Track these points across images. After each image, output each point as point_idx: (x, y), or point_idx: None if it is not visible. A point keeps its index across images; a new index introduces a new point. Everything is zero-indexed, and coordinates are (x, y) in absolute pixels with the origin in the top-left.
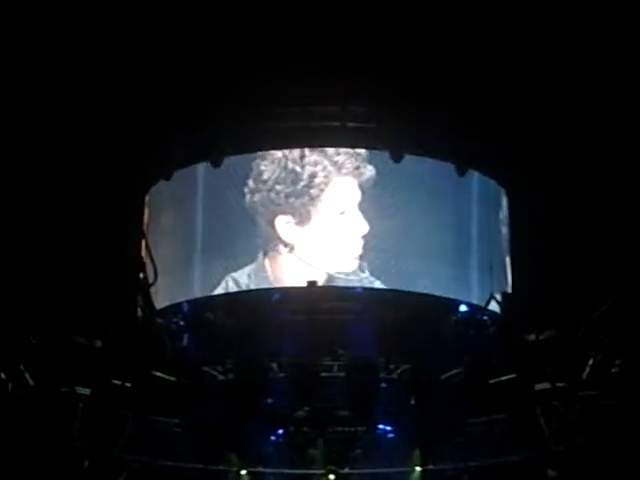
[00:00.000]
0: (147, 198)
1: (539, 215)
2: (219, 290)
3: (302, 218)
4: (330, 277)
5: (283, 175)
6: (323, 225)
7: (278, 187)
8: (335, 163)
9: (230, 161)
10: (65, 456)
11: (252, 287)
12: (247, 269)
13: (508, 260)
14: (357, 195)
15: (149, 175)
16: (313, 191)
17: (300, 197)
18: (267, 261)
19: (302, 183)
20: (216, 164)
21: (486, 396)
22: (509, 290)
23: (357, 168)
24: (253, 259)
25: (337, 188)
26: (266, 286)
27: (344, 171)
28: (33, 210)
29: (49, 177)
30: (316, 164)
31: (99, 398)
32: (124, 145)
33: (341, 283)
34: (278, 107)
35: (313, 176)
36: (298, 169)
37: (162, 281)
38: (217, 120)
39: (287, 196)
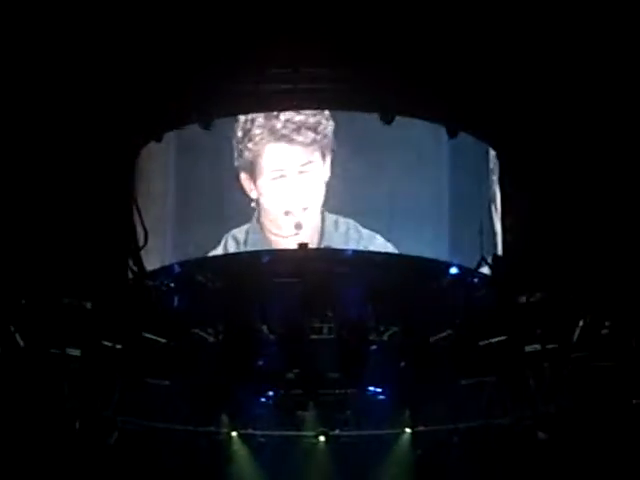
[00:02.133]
0: (137, 160)
1: (530, 177)
2: (218, 249)
3: (253, 175)
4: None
5: (240, 134)
6: (267, 186)
7: (238, 145)
8: (271, 128)
9: (219, 123)
10: (56, 417)
11: (248, 244)
12: (245, 226)
13: (499, 222)
14: (295, 159)
15: (139, 137)
16: (254, 150)
17: (247, 155)
18: (260, 218)
19: (247, 143)
20: (205, 126)
21: (476, 358)
22: (499, 252)
23: (297, 131)
24: (250, 217)
25: (270, 153)
26: (259, 243)
27: (277, 136)
28: (21, 175)
29: (37, 139)
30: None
31: (89, 359)
32: (112, 108)
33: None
34: (265, 69)
35: (251, 139)
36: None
37: (154, 243)
38: (206, 82)
39: (240, 152)
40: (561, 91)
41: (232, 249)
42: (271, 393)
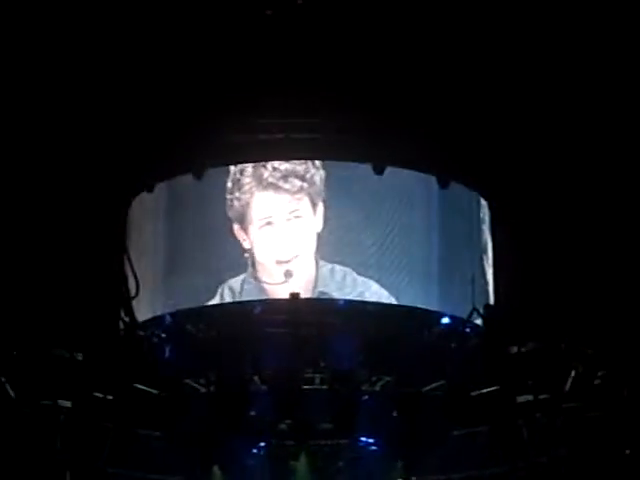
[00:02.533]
0: (129, 211)
1: (522, 228)
2: (214, 300)
3: (244, 225)
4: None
5: (230, 185)
6: (256, 235)
7: (228, 196)
8: (259, 177)
9: (211, 173)
10: (47, 468)
11: (244, 294)
12: (241, 277)
13: (490, 272)
14: (283, 207)
15: (130, 188)
16: (244, 199)
17: (237, 205)
18: (254, 267)
19: (236, 193)
20: (198, 176)
21: (469, 408)
22: (491, 302)
23: (284, 179)
24: (245, 267)
25: (258, 201)
26: (254, 292)
27: (264, 184)
28: (15, 222)
29: (31, 189)
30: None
31: (81, 411)
32: (105, 158)
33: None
34: (257, 119)
35: (240, 189)
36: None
37: (146, 294)
38: (199, 132)
39: (231, 203)
40: (552, 145)
41: (228, 299)
42: (263, 444)
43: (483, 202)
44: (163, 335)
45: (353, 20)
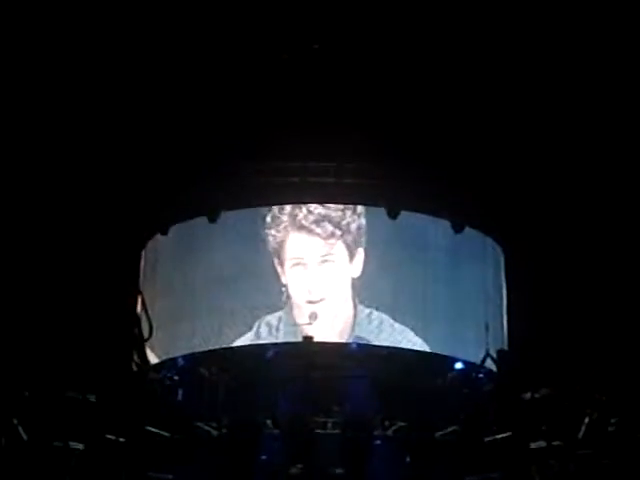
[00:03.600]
0: (143, 252)
1: (536, 273)
2: (248, 335)
3: (280, 260)
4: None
5: (269, 220)
6: (289, 273)
7: (267, 230)
8: (294, 217)
9: (227, 215)
10: None
11: (280, 330)
12: (279, 313)
13: (504, 318)
14: (315, 250)
15: (145, 230)
16: (279, 237)
17: (273, 241)
18: (289, 305)
19: (274, 229)
20: (213, 219)
21: (482, 454)
22: (505, 348)
23: (316, 223)
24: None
25: (292, 241)
26: (290, 330)
27: (298, 226)
28: (29, 265)
29: (44, 232)
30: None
31: (93, 453)
32: (120, 200)
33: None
34: (274, 162)
35: (277, 225)
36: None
37: (159, 336)
38: (213, 175)
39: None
40: (566, 191)
41: (264, 334)
42: None
43: (497, 247)
44: (176, 378)
45: (369, 65)
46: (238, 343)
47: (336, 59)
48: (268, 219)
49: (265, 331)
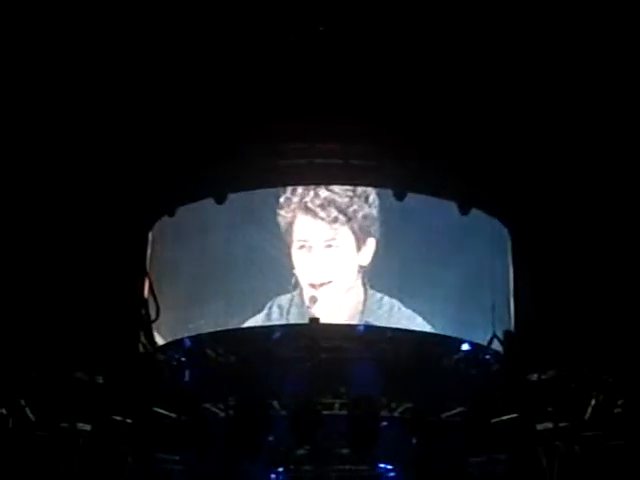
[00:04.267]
0: (150, 234)
1: (542, 254)
2: (259, 316)
3: (289, 241)
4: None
5: (282, 201)
6: (295, 254)
7: (278, 210)
8: (302, 199)
9: (235, 197)
10: None
11: (291, 312)
12: (290, 295)
13: (511, 299)
14: (320, 234)
15: (152, 212)
16: (288, 218)
17: (283, 222)
18: (299, 287)
19: (284, 210)
20: (220, 201)
21: (488, 435)
22: (512, 329)
23: (322, 207)
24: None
25: (299, 223)
26: (299, 312)
27: (305, 208)
28: (36, 245)
29: (52, 212)
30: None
31: (100, 434)
32: (127, 182)
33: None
34: (281, 144)
35: (288, 206)
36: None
37: (166, 317)
38: (220, 157)
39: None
40: (573, 172)
41: (275, 316)
42: (281, 469)
43: (504, 228)
44: (183, 359)
45: (375, 47)
46: (249, 324)
47: (342, 41)
48: (281, 200)
49: (276, 312)
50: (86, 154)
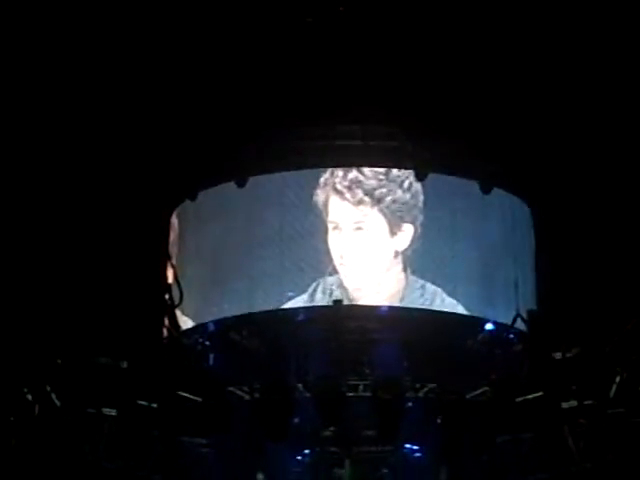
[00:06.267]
0: (172, 218)
1: (565, 232)
2: (303, 296)
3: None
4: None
5: (321, 181)
6: (330, 236)
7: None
8: (334, 180)
9: (258, 179)
10: (92, 477)
11: (334, 294)
12: (335, 277)
13: (534, 278)
14: (348, 215)
15: (174, 196)
16: (322, 198)
17: (319, 202)
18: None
19: (319, 190)
20: (241, 184)
21: (513, 414)
22: (535, 308)
23: (348, 188)
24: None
25: (331, 204)
26: (342, 295)
27: (334, 189)
28: (59, 233)
29: (74, 200)
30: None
31: (125, 419)
32: (148, 166)
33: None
34: (300, 127)
35: (324, 186)
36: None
37: (190, 302)
38: (241, 140)
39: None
40: (594, 150)
41: (319, 296)
42: (307, 451)
43: (526, 207)
44: (207, 343)
45: (396, 27)
46: (290, 305)
47: (362, 22)
48: (321, 180)
49: (320, 293)
50: (110, 141)
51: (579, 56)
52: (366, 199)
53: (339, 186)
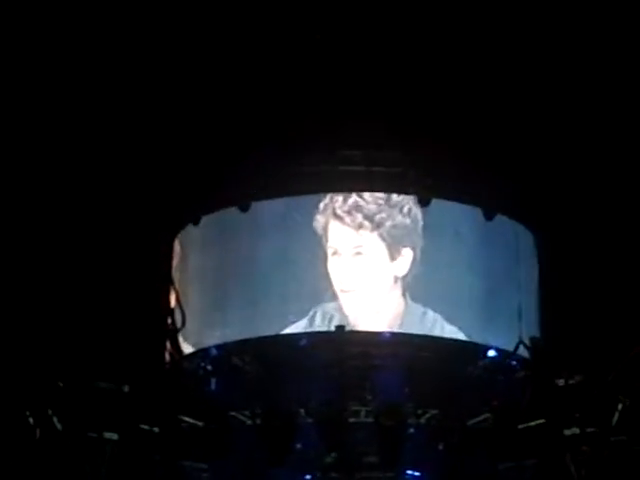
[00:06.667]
0: (175, 243)
1: (568, 260)
2: (302, 322)
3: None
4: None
5: (321, 207)
6: (329, 261)
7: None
8: (334, 205)
9: (260, 204)
10: None
11: (333, 320)
12: (336, 303)
13: (537, 305)
14: (348, 240)
15: (176, 220)
16: (322, 222)
17: (318, 227)
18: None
19: (319, 215)
20: (244, 208)
21: (515, 441)
22: (538, 335)
23: (348, 213)
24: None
25: (331, 229)
26: (342, 321)
27: (334, 214)
28: (62, 256)
29: (78, 222)
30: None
31: (127, 443)
32: (151, 191)
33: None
34: (306, 152)
35: (324, 211)
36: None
37: (192, 326)
38: (245, 165)
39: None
40: (597, 176)
41: (318, 322)
42: (308, 477)
43: (529, 234)
44: (209, 367)
45: (401, 51)
46: (289, 331)
47: (365, 47)
48: (321, 205)
49: (319, 319)
50: (112, 165)
51: (586, 80)
52: (366, 223)
53: (339, 211)
